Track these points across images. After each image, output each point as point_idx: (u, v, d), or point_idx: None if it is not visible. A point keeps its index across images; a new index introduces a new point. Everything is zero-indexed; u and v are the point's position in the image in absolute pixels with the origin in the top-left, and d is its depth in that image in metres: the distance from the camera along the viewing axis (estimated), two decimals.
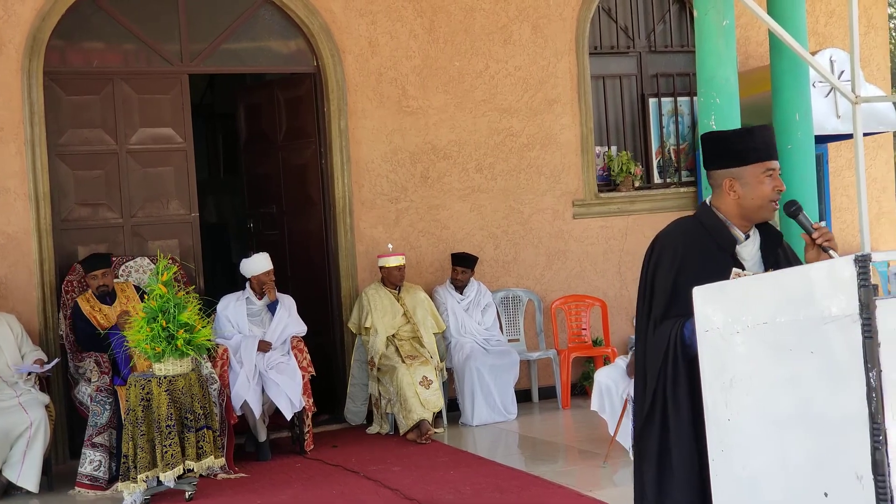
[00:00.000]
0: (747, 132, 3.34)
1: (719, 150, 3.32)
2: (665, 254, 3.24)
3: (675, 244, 3.24)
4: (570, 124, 9.49)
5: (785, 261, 3.28)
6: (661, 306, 3.17)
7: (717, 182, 3.29)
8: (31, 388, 7.00)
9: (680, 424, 3.06)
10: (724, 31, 6.12)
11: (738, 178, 3.23)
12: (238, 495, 6.60)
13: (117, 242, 8.09)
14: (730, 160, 3.26)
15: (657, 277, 3.22)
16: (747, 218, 3.25)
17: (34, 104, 7.71)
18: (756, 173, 3.22)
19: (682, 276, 3.15)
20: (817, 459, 2.42)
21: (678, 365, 3.05)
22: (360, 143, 8.73)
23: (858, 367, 2.31)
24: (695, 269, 3.14)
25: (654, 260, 3.27)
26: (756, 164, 3.23)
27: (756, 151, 3.24)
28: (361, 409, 8.54)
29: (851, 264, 2.33)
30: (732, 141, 3.33)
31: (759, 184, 3.21)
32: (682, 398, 3.05)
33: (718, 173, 3.28)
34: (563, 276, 9.47)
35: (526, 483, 6.52)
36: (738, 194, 3.23)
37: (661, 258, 3.24)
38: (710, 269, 3.12)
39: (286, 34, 8.72)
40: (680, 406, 3.05)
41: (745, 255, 3.25)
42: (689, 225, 3.30)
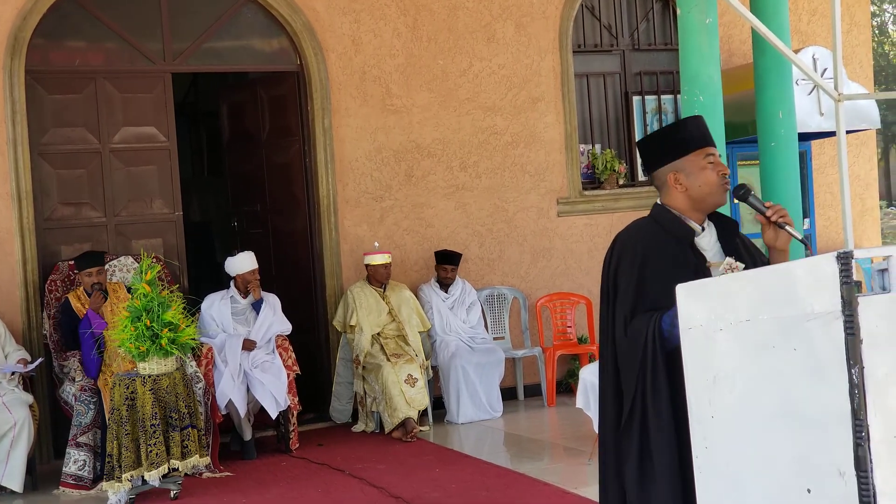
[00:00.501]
0: (679, 124, 3.37)
1: (656, 149, 3.33)
2: (626, 252, 3.23)
3: (635, 242, 3.23)
4: (554, 122, 9.50)
5: (744, 250, 3.28)
6: (629, 303, 3.14)
7: (662, 180, 3.29)
8: (14, 388, 6.97)
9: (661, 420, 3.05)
10: (707, 28, 6.13)
11: (681, 171, 3.24)
12: (223, 494, 6.59)
13: (101, 242, 8.06)
14: (668, 154, 3.26)
15: (620, 276, 3.20)
16: (699, 209, 3.26)
17: (16, 103, 7.67)
18: (697, 161, 3.23)
19: (646, 271, 3.14)
20: (800, 456, 2.43)
21: (657, 359, 3.04)
22: (343, 142, 8.72)
23: (841, 363, 2.32)
24: (657, 265, 3.13)
25: (614, 260, 3.25)
26: (695, 152, 3.24)
27: (692, 140, 3.25)
28: (347, 408, 8.54)
29: (834, 261, 2.34)
30: (667, 136, 3.35)
31: (701, 170, 3.22)
32: (663, 393, 3.04)
33: (661, 171, 3.29)
34: (548, 273, 9.48)
35: (511, 480, 6.53)
36: (684, 186, 3.24)
37: (622, 257, 3.23)
38: (671, 263, 3.12)
39: (269, 32, 8.70)
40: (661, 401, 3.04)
41: (704, 246, 3.25)
42: (646, 224, 3.30)
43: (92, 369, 7.09)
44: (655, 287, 3.10)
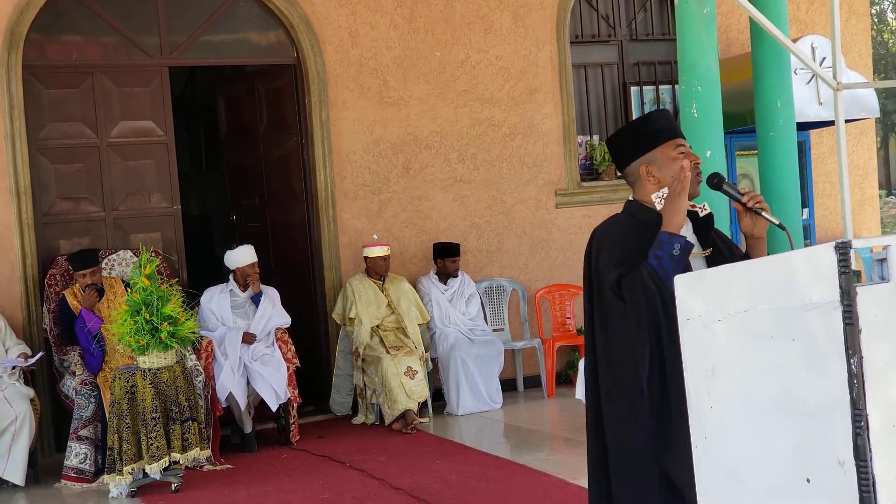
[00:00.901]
0: (646, 118, 3.35)
1: (626, 144, 3.31)
2: (605, 242, 3.20)
3: (613, 234, 3.21)
4: (551, 114, 9.49)
5: (721, 242, 3.28)
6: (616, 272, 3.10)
7: (635, 175, 3.27)
8: (15, 382, 6.98)
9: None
10: (704, 18, 6.12)
11: (652, 163, 3.22)
12: (224, 487, 6.60)
13: (99, 236, 8.07)
14: (638, 148, 3.25)
15: (601, 261, 3.18)
16: None
17: (13, 98, 7.67)
18: (667, 153, 3.22)
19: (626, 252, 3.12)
20: (799, 446, 2.43)
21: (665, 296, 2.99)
22: (341, 135, 8.72)
23: (840, 353, 2.32)
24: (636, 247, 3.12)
25: (594, 253, 3.23)
26: (664, 144, 3.22)
27: (661, 132, 3.24)
28: (347, 400, 8.55)
29: (832, 251, 2.34)
30: (636, 129, 3.33)
31: (673, 161, 3.21)
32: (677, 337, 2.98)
33: (632, 166, 3.27)
34: (547, 265, 9.49)
35: (511, 471, 6.54)
36: (657, 178, 3.22)
37: (601, 248, 3.21)
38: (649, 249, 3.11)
39: (266, 26, 8.69)
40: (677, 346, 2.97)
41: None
42: (622, 218, 3.28)
43: (94, 365, 7.09)
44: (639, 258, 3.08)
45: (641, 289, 3.04)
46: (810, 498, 2.40)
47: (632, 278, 3.06)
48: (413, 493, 6.10)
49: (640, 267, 3.05)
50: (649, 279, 3.03)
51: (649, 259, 3.05)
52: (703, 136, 5.97)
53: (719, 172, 3.24)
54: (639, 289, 3.04)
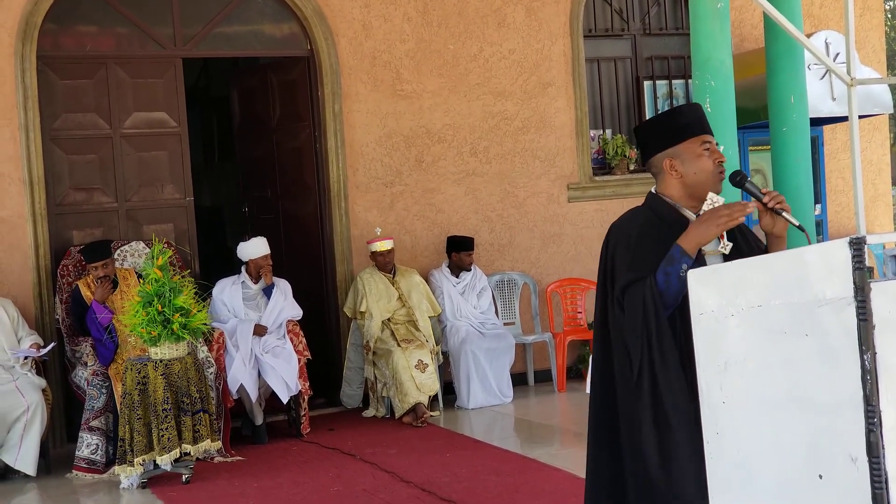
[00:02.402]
0: (676, 111, 3.36)
1: (653, 134, 3.31)
2: (621, 239, 3.22)
3: (630, 230, 3.23)
4: (564, 107, 9.48)
5: (742, 238, 3.27)
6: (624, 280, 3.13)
7: (658, 167, 3.28)
8: (27, 372, 7.01)
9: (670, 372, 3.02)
10: (718, 13, 6.10)
11: (676, 157, 3.22)
12: (235, 478, 6.62)
13: (112, 227, 8.08)
14: (664, 141, 3.25)
15: (617, 260, 3.20)
16: (695, 196, 3.24)
17: (28, 89, 7.69)
18: (692, 148, 3.22)
19: (640, 249, 3.14)
20: (812, 442, 2.43)
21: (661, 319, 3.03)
22: (354, 127, 8.72)
23: (853, 349, 2.31)
24: (651, 245, 3.13)
25: (611, 248, 3.25)
26: (690, 139, 3.22)
27: (689, 127, 3.24)
28: (357, 393, 8.56)
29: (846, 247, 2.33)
30: (664, 121, 3.34)
31: (697, 157, 3.21)
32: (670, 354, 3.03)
33: (657, 158, 3.27)
34: (559, 259, 9.48)
35: (521, 466, 6.54)
36: (679, 172, 3.22)
37: (617, 244, 3.23)
38: (665, 248, 3.11)
39: (279, 18, 8.70)
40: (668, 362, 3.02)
41: None
42: (641, 213, 3.29)
43: (107, 356, 7.11)
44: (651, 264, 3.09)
45: (641, 306, 3.05)
46: (822, 494, 2.40)
47: (634, 292, 3.08)
48: (423, 487, 6.11)
49: (647, 280, 3.05)
50: (651, 298, 3.04)
51: (658, 273, 3.05)
52: (716, 131, 5.89)
53: (742, 170, 3.24)
54: (638, 305, 3.06)
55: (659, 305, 3.03)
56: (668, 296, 3.03)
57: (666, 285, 3.03)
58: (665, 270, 3.04)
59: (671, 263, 3.03)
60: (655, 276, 3.05)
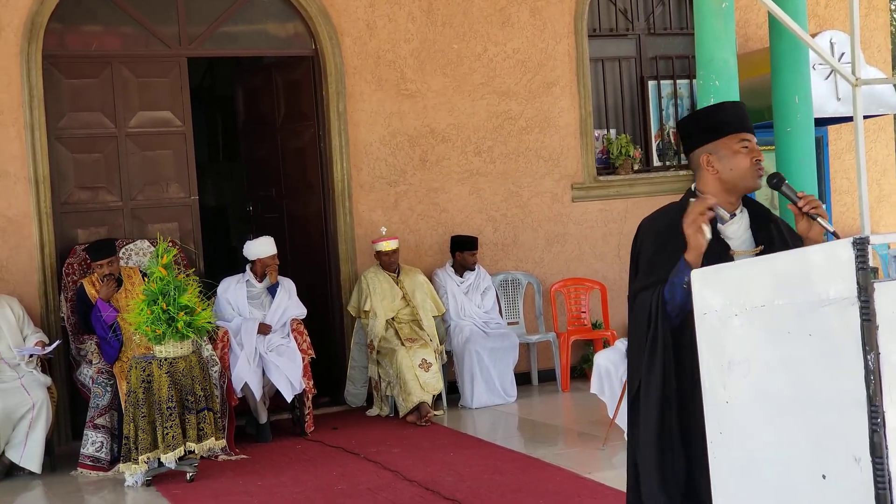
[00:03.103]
0: (718, 107, 3.38)
1: (693, 130, 3.33)
2: (647, 238, 3.26)
3: (658, 227, 3.26)
4: (569, 107, 9.48)
5: (779, 237, 3.27)
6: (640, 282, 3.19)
7: (696, 162, 3.30)
8: (32, 370, 7.03)
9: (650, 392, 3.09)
10: (723, 13, 6.10)
11: (714, 153, 3.24)
12: (239, 476, 6.63)
13: (117, 226, 8.10)
14: (704, 136, 3.27)
15: (641, 260, 3.25)
16: (732, 193, 3.25)
17: (33, 88, 7.70)
18: (730, 145, 3.22)
19: (663, 253, 3.16)
20: (815, 442, 2.43)
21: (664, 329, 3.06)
22: (358, 126, 8.73)
23: (856, 349, 2.32)
24: (676, 247, 3.14)
25: (637, 247, 3.30)
26: (729, 136, 3.23)
27: (728, 124, 3.25)
28: (361, 392, 8.57)
29: (850, 247, 2.34)
30: (704, 117, 3.37)
31: (734, 154, 3.21)
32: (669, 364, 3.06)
33: (696, 153, 3.29)
34: (563, 259, 9.48)
35: (525, 465, 6.55)
36: (716, 169, 3.23)
37: (643, 243, 3.27)
38: None
39: (284, 17, 8.71)
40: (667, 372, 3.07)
41: (730, 235, 3.24)
42: (673, 209, 3.31)
43: (111, 354, 7.13)
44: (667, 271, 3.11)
45: (647, 315, 3.10)
46: (826, 494, 2.41)
47: (642, 301, 3.13)
48: (427, 486, 6.12)
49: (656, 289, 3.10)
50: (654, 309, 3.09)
51: (665, 285, 3.09)
52: None
53: (780, 173, 3.25)
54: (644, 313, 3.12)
55: (662, 317, 3.07)
56: (673, 305, 3.06)
57: (671, 296, 3.06)
58: (672, 281, 3.07)
59: (677, 274, 3.05)
60: (663, 289, 3.08)
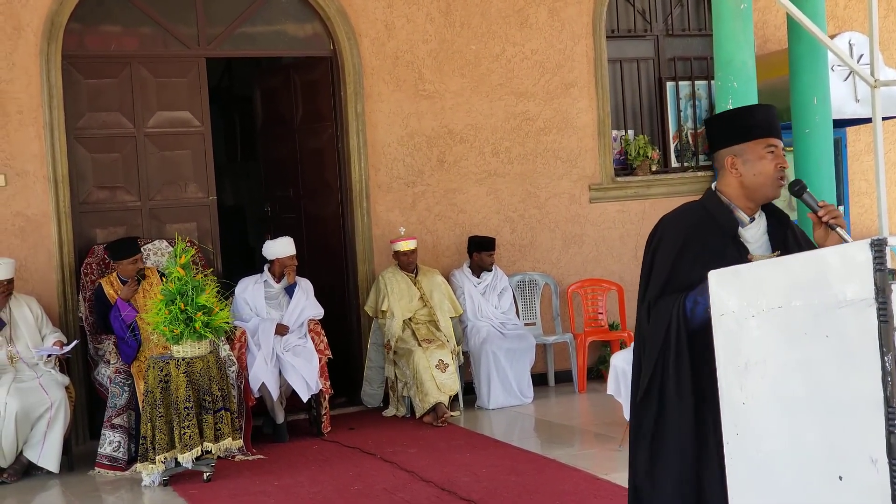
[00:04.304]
0: (748, 110, 3.36)
1: (721, 129, 3.32)
2: (667, 236, 3.23)
3: (678, 227, 3.23)
4: (586, 108, 9.46)
5: (794, 242, 3.25)
6: (658, 286, 3.16)
7: (721, 163, 3.28)
8: (51, 370, 7.06)
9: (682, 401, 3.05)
10: (741, 14, 6.09)
11: (739, 156, 3.22)
12: (255, 476, 6.65)
13: (135, 225, 8.13)
14: (731, 138, 3.25)
15: (657, 259, 3.22)
16: (752, 198, 3.23)
17: (53, 87, 7.74)
18: (757, 150, 3.21)
19: (682, 258, 3.15)
20: (832, 443, 2.43)
21: (681, 340, 3.04)
22: (376, 127, 8.74)
23: (874, 351, 2.31)
24: (696, 251, 3.13)
25: (655, 243, 3.26)
26: (757, 140, 3.22)
27: (757, 128, 3.24)
28: (378, 392, 8.58)
29: (867, 248, 2.33)
30: (734, 118, 3.35)
31: (759, 159, 3.20)
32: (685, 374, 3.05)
33: (721, 153, 3.28)
34: (580, 260, 9.47)
35: (541, 466, 6.54)
36: (739, 172, 3.22)
37: (662, 241, 3.24)
38: (710, 252, 3.11)
39: (302, 17, 8.73)
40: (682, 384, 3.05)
41: (748, 238, 3.22)
42: (693, 209, 3.30)
43: (129, 354, 7.16)
44: (690, 274, 3.09)
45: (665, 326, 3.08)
46: (842, 495, 2.40)
47: (662, 309, 3.10)
48: (443, 486, 6.12)
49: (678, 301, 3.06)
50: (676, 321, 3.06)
51: (688, 298, 3.05)
52: None
53: (802, 180, 3.23)
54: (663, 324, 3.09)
55: (682, 330, 3.05)
56: (692, 322, 3.05)
57: (692, 313, 3.04)
58: (695, 298, 3.04)
59: (703, 294, 2.99)
60: (685, 300, 3.05)
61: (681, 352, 3.05)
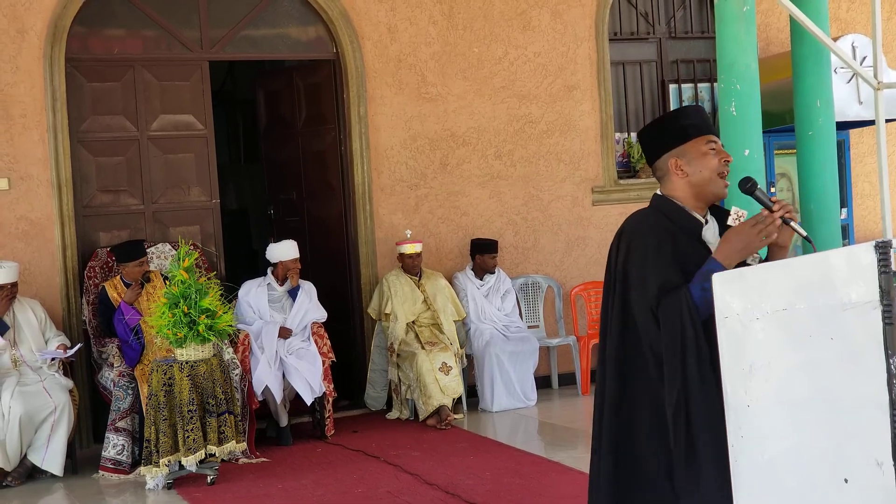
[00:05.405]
0: (681, 111, 3.35)
1: (658, 135, 3.29)
2: (636, 240, 3.15)
3: (645, 229, 3.17)
4: (589, 111, 9.47)
5: None
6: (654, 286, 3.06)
7: (664, 169, 3.25)
8: (54, 373, 7.06)
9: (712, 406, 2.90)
10: (744, 16, 6.08)
11: (682, 157, 3.20)
12: (259, 479, 6.65)
13: (139, 229, 8.14)
14: (670, 141, 3.23)
15: (631, 264, 3.13)
16: (700, 198, 3.21)
17: (56, 91, 7.75)
18: (698, 147, 3.20)
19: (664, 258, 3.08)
20: (837, 446, 2.43)
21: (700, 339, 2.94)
22: (379, 130, 8.74)
23: (879, 353, 2.31)
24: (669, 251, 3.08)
25: (623, 248, 3.18)
26: (696, 138, 3.21)
27: (694, 127, 3.23)
28: (381, 395, 8.58)
29: (872, 250, 2.33)
30: (669, 121, 3.32)
31: (703, 156, 3.19)
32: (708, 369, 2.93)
33: (662, 159, 3.25)
34: (583, 262, 9.47)
35: (545, 468, 6.54)
36: (685, 172, 3.20)
37: (631, 245, 3.16)
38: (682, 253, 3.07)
39: (305, 20, 8.73)
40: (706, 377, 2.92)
41: (710, 239, 3.18)
42: (651, 214, 3.23)
43: (133, 357, 7.16)
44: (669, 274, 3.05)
45: (679, 321, 2.97)
46: (848, 498, 2.40)
47: (671, 304, 3.00)
48: (447, 489, 6.12)
49: (682, 293, 2.99)
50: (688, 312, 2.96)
51: (693, 287, 2.98)
52: (742, 135, 5.93)
53: (752, 177, 3.21)
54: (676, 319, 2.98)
55: (697, 320, 2.95)
56: (704, 311, 2.95)
57: (703, 301, 2.95)
58: (703, 286, 2.95)
59: (708, 279, 2.92)
60: (690, 290, 2.99)
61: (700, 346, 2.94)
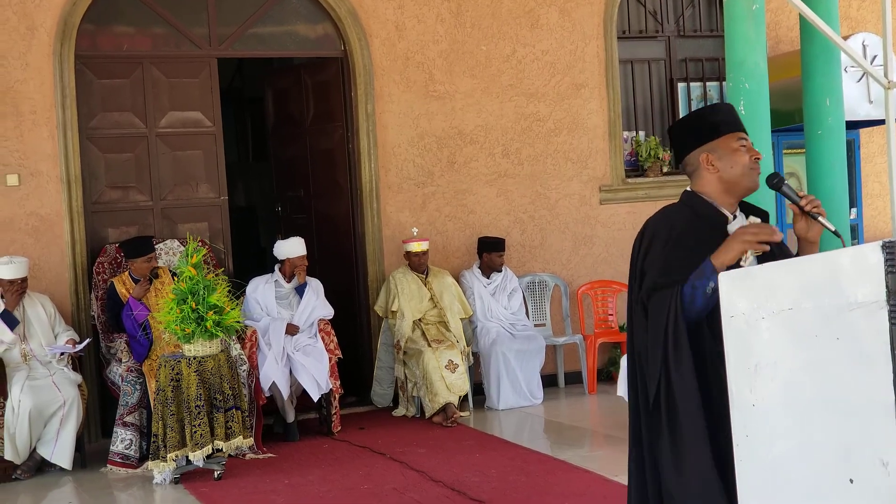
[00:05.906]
0: (712, 108, 3.37)
1: (689, 131, 3.31)
2: (657, 237, 3.19)
3: (668, 226, 3.20)
4: (597, 109, 9.46)
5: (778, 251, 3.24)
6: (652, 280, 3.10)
7: (695, 164, 3.27)
8: (63, 368, 7.10)
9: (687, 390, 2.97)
10: (753, 15, 6.08)
11: (713, 152, 3.22)
12: (266, 475, 6.66)
13: (147, 225, 8.16)
14: (702, 137, 3.25)
15: (649, 258, 3.17)
16: (731, 192, 3.22)
17: (66, 88, 7.77)
18: (729, 143, 3.21)
19: (677, 252, 3.11)
20: (842, 446, 2.42)
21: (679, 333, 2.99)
22: (386, 128, 8.75)
23: (885, 353, 2.31)
24: (689, 247, 3.10)
25: (644, 244, 3.22)
26: (727, 134, 3.23)
27: (726, 124, 3.25)
28: (388, 392, 8.59)
29: (879, 250, 2.33)
30: (701, 117, 3.34)
31: (734, 153, 3.20)
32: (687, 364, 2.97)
33: (693, 155, 3.27)
34: (590, 261, 9.46)
35: (551, 467, 6.54)
36: (716, 168, 3.22)
37: (653, 241, 3.20)
38: (704, 247, 3.09)
39: (313, 18, 8.74)
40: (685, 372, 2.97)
41: None
42: (678, 209, 3.27)
43: (141, 353, 7.18)
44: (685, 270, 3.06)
45: (664, 316, 3.02)
46: (853, 498, 2.40)
47: (660, 300, 3.05)
48: (452, 486, 6.13)
49: (674, 290, 3.02)
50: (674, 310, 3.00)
51: (686, 285, 3.01)
52: (751, 134, 5.86)
53: (779, 173, 3.23)
54: (662, 314, 3.03)
55: (680, 319, 2.99)
56: (691, 309, 2.99)
57: (691, 299, 2.99)
58: (693, 283, 3.00)
59: (700, 278, 2.99)
60: (683, 288, 3.01)
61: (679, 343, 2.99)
